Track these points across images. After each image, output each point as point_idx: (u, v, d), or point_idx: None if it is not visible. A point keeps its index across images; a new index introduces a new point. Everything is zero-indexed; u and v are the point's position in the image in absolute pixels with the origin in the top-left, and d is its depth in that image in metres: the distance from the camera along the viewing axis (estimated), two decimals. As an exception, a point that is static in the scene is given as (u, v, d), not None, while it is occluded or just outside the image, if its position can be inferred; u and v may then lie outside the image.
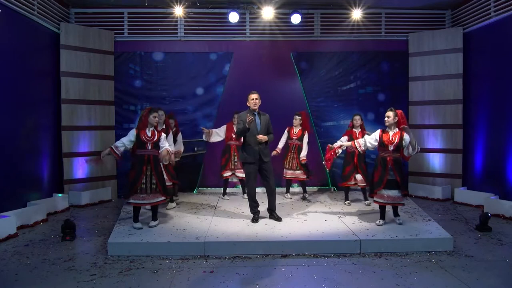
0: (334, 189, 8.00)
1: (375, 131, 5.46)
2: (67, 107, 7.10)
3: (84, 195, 7.00)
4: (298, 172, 6.97)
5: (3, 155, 5.60)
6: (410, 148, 5.10)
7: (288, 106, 7.62)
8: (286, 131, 7.04)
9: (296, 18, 7.52)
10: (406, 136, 5.13)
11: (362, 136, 6.08)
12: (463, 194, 7.07)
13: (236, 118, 6.90)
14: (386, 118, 5.23)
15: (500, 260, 4.36)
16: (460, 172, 7.54)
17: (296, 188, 7.83)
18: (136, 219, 5.22)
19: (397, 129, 5.19)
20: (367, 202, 6.55)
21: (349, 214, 5.92)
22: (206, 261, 4.39)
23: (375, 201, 5.39)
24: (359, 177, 6.47)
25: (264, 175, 5.55)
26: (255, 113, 5.51)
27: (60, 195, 6.79)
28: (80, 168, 7.25)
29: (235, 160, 6.93)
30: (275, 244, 4.63)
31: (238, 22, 7.62)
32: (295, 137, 6.97)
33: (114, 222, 5.57)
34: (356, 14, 7.57)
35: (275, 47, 7.93)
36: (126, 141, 5.17)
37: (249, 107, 5.53)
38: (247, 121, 5.28)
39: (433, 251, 4.60)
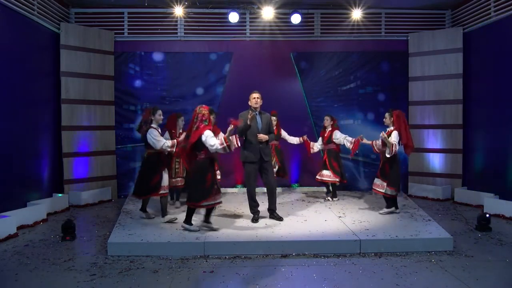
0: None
1: (375, 131, 5.61)
2: (67, 107, 7.10)
3: (84, 195, 7.00)
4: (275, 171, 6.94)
5: (3, 155, 5.60)
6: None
7: (288, 106, 7.63)
8: None
9: (296, 18, 7.52)
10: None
11: (330, 135, 6.80)
12: (463, 194, 7.07)
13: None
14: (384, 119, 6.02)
15: (500, 260, 4.36)
16: (460, 172, 7.54)
17: (297, 189, 7.90)
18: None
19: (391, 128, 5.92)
20: (334, 199, 6.95)
21: (349, 214, 5.92)
22: (206, 261, 4.39)
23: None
24: (326, 172, 6.79)
25: (264, 174, 5.57)
26: (256, 112, 5.54)
27: (60, 195, 6.80)
28: (80, 168, 7.27)
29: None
30: (275, 244, 4.63)
31: (238, 22, 7.62)
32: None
33: (114, 222, 5.56)
34: (356, 14, 7.57)
35: (275, 47, 7.93)
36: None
37: (250, 106, 5.56)
38: (249, 117, 5.31)
39: (433, 251, 4.60)
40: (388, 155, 5.77)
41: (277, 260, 4.41)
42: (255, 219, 5.50)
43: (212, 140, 4.78)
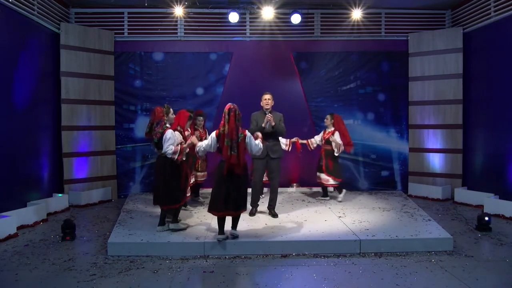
0: (334, 189, 7.98)
1: (374, 131, 5.74)
2: (67, 107, 7.10)
3: (84, 195, 7.00)
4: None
5: (3, 155, 5.60)
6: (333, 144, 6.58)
7: (288, 106, 7.60)
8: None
9: (296, 18, 7.51)
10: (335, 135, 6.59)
11: None
12: (463, 194, 7.07)
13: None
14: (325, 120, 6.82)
15: (500, 260, 4.36)
16: (460, 172, 7.54)
17: (292, 188, 7.91)
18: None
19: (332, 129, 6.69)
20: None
21: (349, 214, 5.92)
22: (206, 261, 4.39)
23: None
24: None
25: (270, 172, 5.75)
26: (266, 112, 5.70)
27: (60, 195, 6.80)
28: (80, 168, 7.26)
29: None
30: (275, 244, 4.64)
31: (238, 22, 7.62)
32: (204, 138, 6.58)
33: (114, 222, 5.56)
34: (356, 14, 7.57)
35: (275, 47, 7.93)
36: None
37: (262, 107, 5.75)
38: (264, 121, 5.52)
39: (433, 251, 4.60)
40: (336, 154, 6.62)
41: (277, 260, 4.41)
42: (252, 213, 5.70)
43: (256, 141, 4.76)
